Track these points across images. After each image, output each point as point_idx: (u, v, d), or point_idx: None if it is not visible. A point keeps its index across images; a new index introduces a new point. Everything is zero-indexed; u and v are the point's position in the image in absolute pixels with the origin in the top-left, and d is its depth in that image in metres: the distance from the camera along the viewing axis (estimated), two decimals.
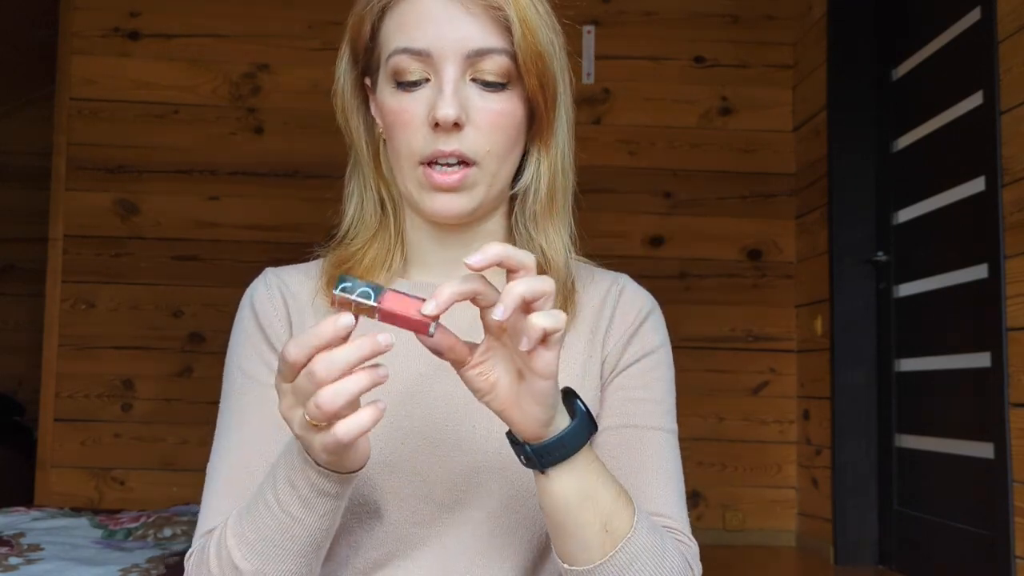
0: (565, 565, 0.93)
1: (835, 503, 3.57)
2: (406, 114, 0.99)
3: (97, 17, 4.04)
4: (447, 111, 0.95)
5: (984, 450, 2.83)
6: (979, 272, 2.87)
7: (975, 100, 2.94)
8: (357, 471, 0.88)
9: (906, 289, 3.44)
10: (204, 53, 4.06)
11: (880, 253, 3.55)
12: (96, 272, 3.98)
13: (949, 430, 3.11)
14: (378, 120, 1.05)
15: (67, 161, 4.00)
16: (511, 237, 1.08)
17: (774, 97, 4.15)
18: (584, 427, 0.88)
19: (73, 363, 3.95)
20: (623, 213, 4.04)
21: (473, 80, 0.98)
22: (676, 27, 4.15)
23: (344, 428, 0.78)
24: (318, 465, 0.86)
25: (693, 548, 1.04)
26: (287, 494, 0.88)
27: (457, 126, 0.97)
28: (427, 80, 0.98)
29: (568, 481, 0.89)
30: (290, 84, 4.05)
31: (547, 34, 1.00)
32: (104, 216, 3.99)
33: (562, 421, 0.88)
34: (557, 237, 1.05)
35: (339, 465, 0.86)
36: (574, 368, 1.06)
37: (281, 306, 1.07)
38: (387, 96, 1.00)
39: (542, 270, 0.99)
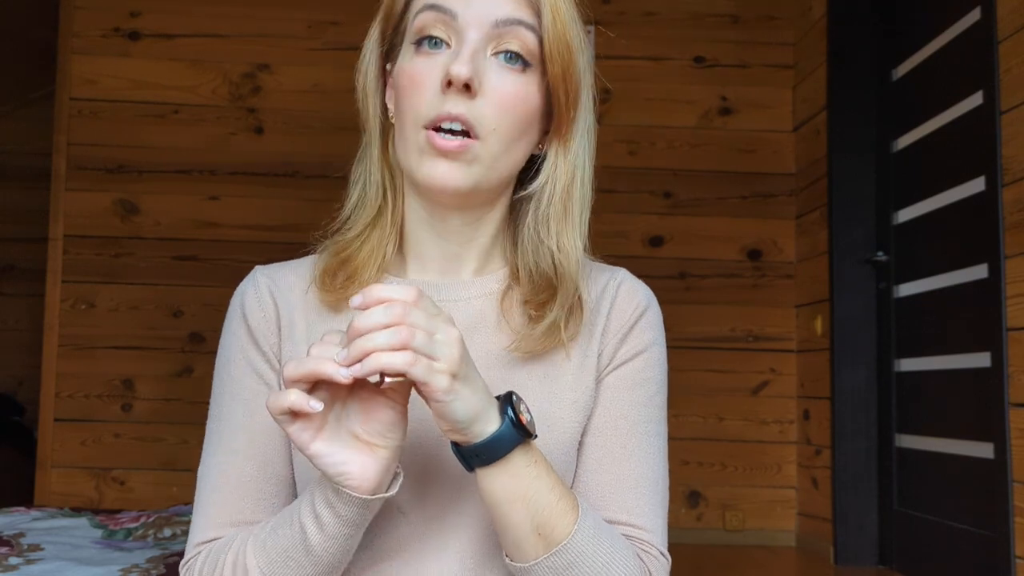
0: (506, 559, 0.96)
1: (835, 503, 3.57)
2: (420, 75, 0.98)
3: (97, 17, 4.04)
4: (460, 68, 0.94)
5: (984, 450, 2.82)
6: (979, 272, 2.87)
7: (975, 100, 2.93)
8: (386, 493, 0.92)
9: (906, 289, 3.44)
10: (204, 53, 4.06)
11: (880, 253, 3.54)
12: (96, 272, 3.98)
13: (949, 430, 3.11)
14: (390, 106, 1.04)
15: (67, 161, 3.99)
16: (514, 236, 1.06)
17: (774, 97, 4.14)
18: (510, 437, 0.89)
19: (73, 363, 3.95)
20: (623, 213, 4.04)
21: (495, 55, 0.98)
22: (676, 27, 4.15)
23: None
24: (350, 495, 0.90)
25: (660, 563, 1.02)
26: (327, 527, 0.92)
27: (468, 89, 0.96)
28: (448, 45, 0.98)
29: (496, 482, 0.91)
30: (290, 84, 4.04)
31: (575, 29, 1.01)
32: (104, 216, 3.99)
33: (491, 427, 0.89)
34: (570, 246, 1.03)
35: (377, 489, 0.90)
36: (570, 365, 1.05)
37: (272, 309, 1.06)
38: (406, 61, 1.00)
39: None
